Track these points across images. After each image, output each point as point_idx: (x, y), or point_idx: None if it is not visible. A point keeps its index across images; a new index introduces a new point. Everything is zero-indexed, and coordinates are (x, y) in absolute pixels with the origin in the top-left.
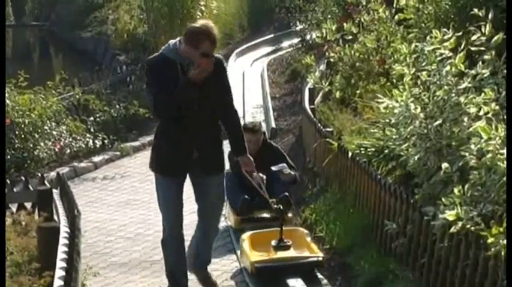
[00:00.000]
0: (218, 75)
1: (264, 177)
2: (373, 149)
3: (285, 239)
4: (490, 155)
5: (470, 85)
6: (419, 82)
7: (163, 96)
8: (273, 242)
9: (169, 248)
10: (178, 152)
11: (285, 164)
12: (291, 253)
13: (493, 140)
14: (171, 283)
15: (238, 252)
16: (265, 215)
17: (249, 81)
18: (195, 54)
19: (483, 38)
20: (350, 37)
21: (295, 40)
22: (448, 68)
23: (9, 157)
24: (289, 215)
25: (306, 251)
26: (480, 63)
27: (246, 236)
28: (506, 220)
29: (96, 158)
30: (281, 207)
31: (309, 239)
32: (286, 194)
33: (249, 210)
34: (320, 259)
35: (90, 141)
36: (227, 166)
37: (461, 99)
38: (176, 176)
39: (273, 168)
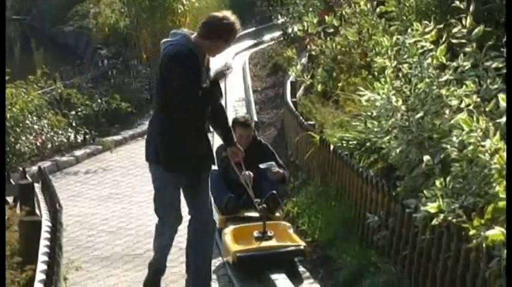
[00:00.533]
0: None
1: (252, 175)
2: (355, 142)
3: (267, 231)
4: (471, 147)
5: (451, 77)
6: (400, 75)
7: (196, 90)
8: (255, 233)
9: (163, 254)
10: (200, 149)
11: (273, 163)
12: (273, 242)
13: (474, 132)
14: (150, 275)
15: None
16: (252, 214)
17: (230, 74)
18: (221, 47)
19: (464, 31)
20: (331, 30)
21: (277, 33)
22: (429, 60)
23: None
24: (277, 214)
25: (288, 242)
26: (461, 55)
27: (228, 230)
28: (506, 220)
29: (78, 152)
30: (265, 206)
31: (291, 231)
32: (274, 192)
33: (235, 209)
34: (302, 247)
35: (72, 135)
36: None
37: (443, 91)
38: (196, 174)
39: (261, 166)
